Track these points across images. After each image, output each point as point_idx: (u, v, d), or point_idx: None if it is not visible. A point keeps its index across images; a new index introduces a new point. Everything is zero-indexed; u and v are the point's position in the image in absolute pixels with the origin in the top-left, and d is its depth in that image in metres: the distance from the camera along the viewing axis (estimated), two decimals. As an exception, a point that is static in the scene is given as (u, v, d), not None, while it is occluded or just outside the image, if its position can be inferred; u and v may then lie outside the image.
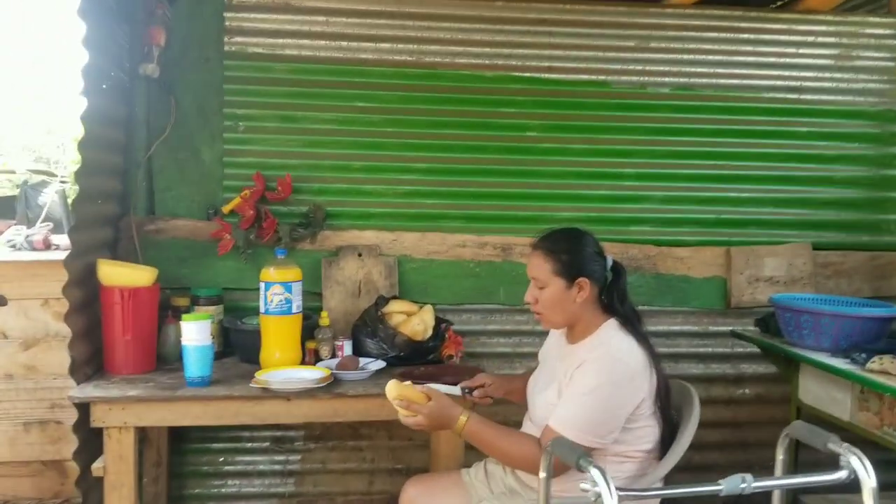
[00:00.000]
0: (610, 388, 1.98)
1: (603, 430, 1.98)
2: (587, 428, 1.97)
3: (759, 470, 3.51)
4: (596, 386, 1.98)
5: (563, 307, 2.12)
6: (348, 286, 3.19)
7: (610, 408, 1.99)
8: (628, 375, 2.00)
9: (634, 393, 2.01)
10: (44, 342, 3.17)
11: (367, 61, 3.25)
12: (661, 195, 3.44)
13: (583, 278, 2.09)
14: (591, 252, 2.14)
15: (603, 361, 2.01)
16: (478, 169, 3.33)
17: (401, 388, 2.08)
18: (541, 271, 2.12)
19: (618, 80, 3.39)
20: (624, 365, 2.01)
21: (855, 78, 3.54)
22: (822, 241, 3.55)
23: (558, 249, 2.12)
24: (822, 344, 2.74)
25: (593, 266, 2.12)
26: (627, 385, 2.00)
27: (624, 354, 2.03)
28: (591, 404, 1.97)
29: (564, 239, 2.15)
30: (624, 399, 2.00)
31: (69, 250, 2.52)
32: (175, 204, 3.15)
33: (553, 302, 2.12)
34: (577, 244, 2.14)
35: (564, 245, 2.13)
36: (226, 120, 3.18)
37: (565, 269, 2.10)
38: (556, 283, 2.11)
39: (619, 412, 2.00)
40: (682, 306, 3.47)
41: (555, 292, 2.11)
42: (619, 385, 1.99)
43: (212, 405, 2.49)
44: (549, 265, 2.11)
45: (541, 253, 2.14)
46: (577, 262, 2.10)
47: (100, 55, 2.67)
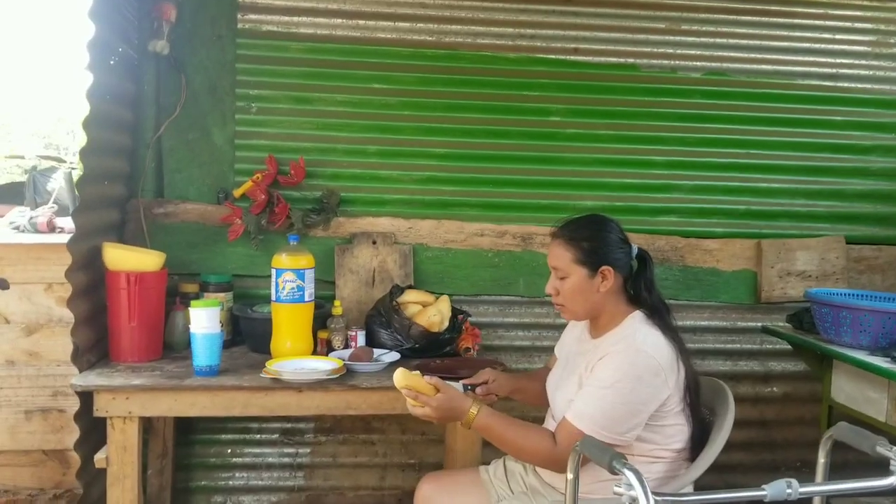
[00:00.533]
0: (633, 382, 1.87)
1: (622, 427, 1.87)
2: (605, 423, 1.85)
3: (787, 471, 3.41)
4: (617, 379, 1.87)
5: (585, 298, 2.01)
6: (362, 275, 3.08)
7: (631, 403, 1.87)
8: (653, 370, 1.88)
9: (659, 389, 1.89)
10: (47, 328, 3.07)
11: (384, 41, 3.13)
12: (690, 184, 3.32)
13: (606, 267, 1.98)
14: (615, 239, 2.03)
15: (626, 354, 1.90)
16: (498, 155, 3.22)
17: (408, 377, 1.98)
18: (562, 260, 2.02)
19: (647, 63, 3.26)
20: (649, 358, 1.89)
21: (892, 66, 3.42)
22: (856, 234, 3.42)
23: (580, 237, 2.01)
24: (860, 341, 2.62)
25: (617, 254, 2.01)
26: (652, 380, 1.88)
27: (649, 347, 1.91)
28: (612, 399, 1.86)
29: (586, 226, 2.05)
30: (647, 395, 1.88)
31: (73, 233, 2.42)
32: (185, 186, 3.05)
33: (575, 292, 2.01)
34: (600, 231, 2.03)
35: (586, 232, 2.02)
36: (238, 100, 3.07)
37: (588, 258, 1.99)
38: (578, 272, 2.00)
39: (642, 408, 1.89)
40: (710, 300, 3.35)
41: (577, 282, 2.00)
42: (643, 380, 1.87)
43: (220, 396, 2.40)
44: (570, 254, 2.00)
45: (562, 241, 2.03)
46: (601, 249, 2.00)
47: (107, 29, 2.57)
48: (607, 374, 1.89)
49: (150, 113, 3.00)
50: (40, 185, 4.89)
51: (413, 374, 2.00)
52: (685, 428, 1.99)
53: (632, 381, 1.87)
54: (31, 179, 4.93)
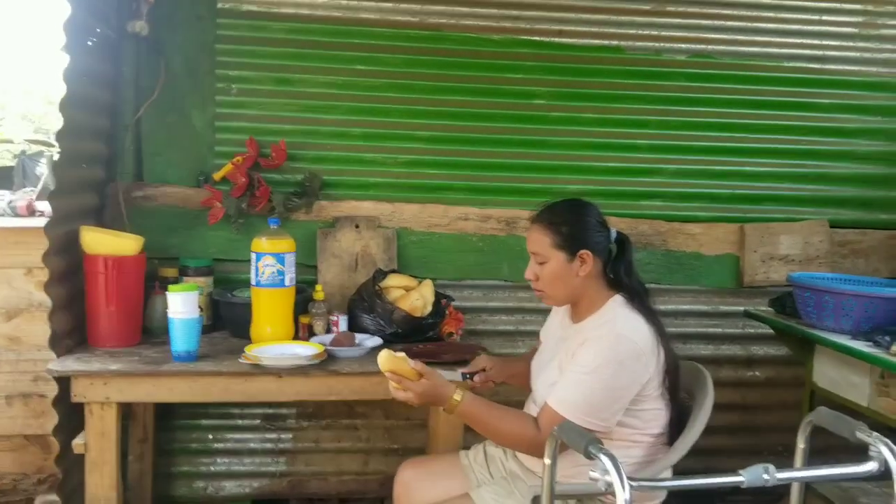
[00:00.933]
0: (614, 366, 1.86)
1: (605, 413, 1.87)
2: (587, 409, 1.85)
3: (768, 455, 3.42)
4: (599, 365, 1.86)
5: (564, 282, 2.01)
6: (345, 259, 3.06)
7: (613, 388, 1.87)
8: (634, 354, 1.88)
9: (640, 373, 1.89)
10: (27, 312, 3.04)
11: (368, 21, 3.09)
12: (674, 168, 3.30)
13: (585, 251, 1.98)
14: (593, 223, 2.02)
15: (607, 339, 1.89)
16: (483, 138, 3.19)
17: (393, 361, 1.95)
18: (540, 245, 2.01)
19: (632, 45, 3.23)
20: (630, 343, 1.88)
21: (880, 48, 3.39)
22: (840, 218, 3.41)
23: (558, 221, 2.00)
24: (842, 326, 2.61)
25: (596, 238, 2.01)
26: (633, 365, 1.88)
27: (630, 332, 1.91)
28: (593, 384, 1.86)
29: (565, 211, 2.04)
30: (628, 380, 1.88)
31: (51, 216, 2.38)
32: (164, 170, 3.01)
33: (554, 277, 2.01)
34: (578, 215, 2.02)
35: (565, 217, 2.01)
36: (218, 82, 3.02)
37: (566, 242, 1.98)
38: (556, 256, 1.99)
39: (623, 393, 1.88)
40: (693, 284, 3.34)
41: (556, 267, 2.00)
42: (624, 365, 1.87)
43: (199, 381, 2.38)
44: (548, 238, 2.00)
45: (540, 226, 2.02)
46: (579, 233, 1.99)
47: (84, 9, 2.52)
48: (589, 360, 1.88)
49: (130, 95, 2.95)
50: (29, 170, 4.87)
51: (398, 357, 1.97)
52: (664, 412, 1.99)
53: (613, 367, 1.86)
54: (20, 164, 4.91)
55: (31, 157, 5.17)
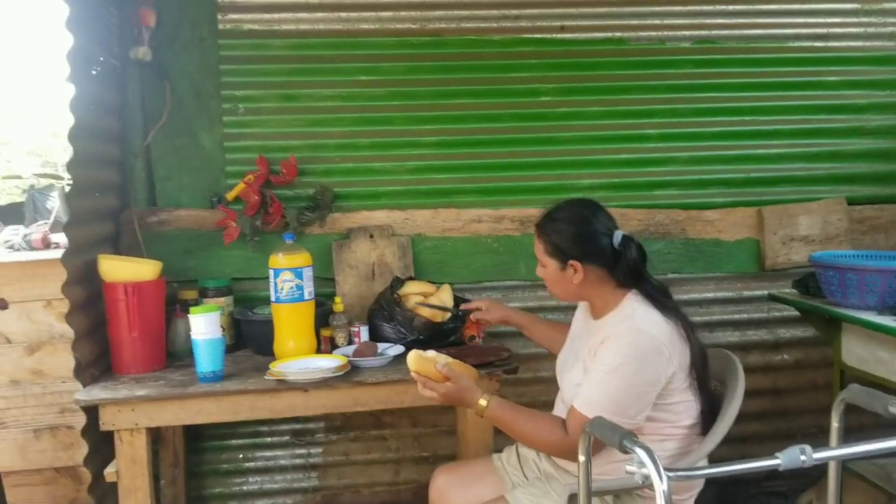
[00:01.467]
0: (636, 363, 1.85)
1: (632, 410, 1.86)
2: (614, 409, 1.83)
3: (802, 438, 3.37)
4: (621, 363, 1.85)
5: (562, 287, 2.05)
6: (361, 269, 3.06)
7: (637, 384, 1.86)
8: (656, 349, 1.86)
9: (664, 367, 1.87)
10: (49, 345, 3.04)
11: (368, 31, 3.09)
12: (687, 156, 3.28)
13: (574, 261, 1.98)
14: (587, 231, 2.00)
15: (627, 336, 1.88)
16: (491, 139, 3.18)
17: (420, 362, 2.03)
18: (538, 251, 2.07)
19: (635, 36, 3.22)
20: (649, 337, 1.87)
21: (883, 21, 3.37)
22: (857, 195, 3.39)
23: (550, 230, 2.03)
24: (867, 302, 2.58)
25: (588, 247, 1.99)
26: (656, 359, 1.86)
27: (649, 326, 1.89)
28: (617, 383, 1.85)
29: (560, 218, 2.04)
30: (652, 375, 1.87)
31: (67, 247, 2.39)
32: (177, 193, 3.02)
33: (552, 282, 2.07)
34: (571, 224, 2.01)
35: (557, 226, 2.02)
36: (224, 102, 3.03)
37: (557, 251, 2.01)
38: (550, 263, 2.04)
39: (649, 389, 1.87)
40: (714, 272, 3.32)
41: (552, 272, 2.05)
42: (646, 360, 1.86)
43: (226, 401, 2.37)
44: (543, 246, 2.05)
45: (537, 232, 2.08)
46: (567, 244, 2.00)
47: (87, 38, 2.53)
48: (611, 358, 1.87)
49: (137, 121, 2.97)
50: (40, 204, 4.87)
51: (426, 358, 2.03)
52: (694, 403, 1.97)
53: (635, 363, 1.85)
54: (31, 199, 4.92)
55: (41, 191, 5.19)
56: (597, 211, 2.04)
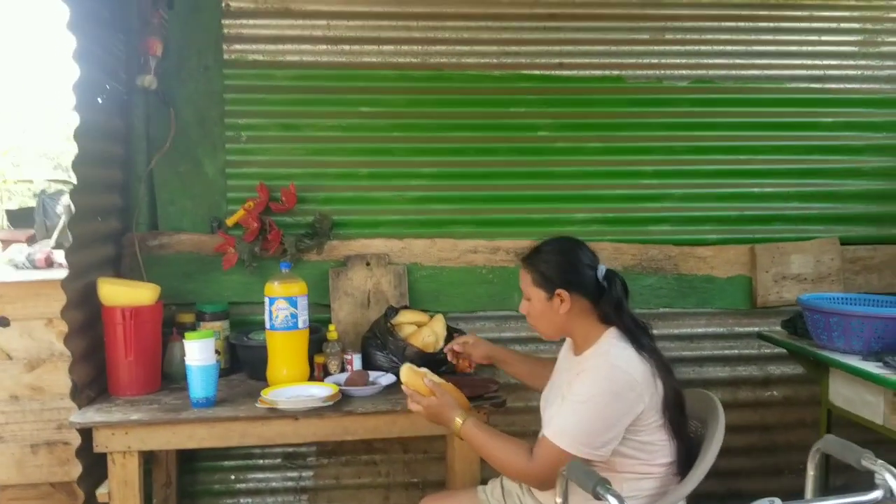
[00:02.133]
0: (608, 396, 1.89)
1: (598, 441, 1.89)
2: (583, 438, 1.88)
3: (789, 474, 3.41)
4: (594, 394, 1.90)
5: (548, 319, 2.09)
6: (357, 297, 3.10)
7: (606, 417, 1.89)
8: (628, 385, 1.90)
9: (634, 403, 1.91)
10: (49, 362, 3.10)
11: (370, 65, 3.15)
12: (681, 192, 3.32)
13: (562, 290, 2.03)
14: (573, 262, 2.06)
15: (602, 370, 1.93)
16: (488, 172, 3.23)
17: (411, 375, 2.18)
18: (524, 283, 2.11)
19: (632, 74, 3.26)
20: (623, 373, 1.91)
21: (881, 65, 3.40)
22: (851, 235, 3.41)
23: (538, 261, 2.08)
24: (852, 346, 2.61)
25: (575, 277, 2.04)
26: (627, 394, 1.90)
27: (623, 362, 1.93)
28: (586, 414, 1.89)
29: (546, 250, 2.10)
30: (622, 409, 1.90)
31: (67, 272, 2.45)
32: (178, 218, 3.08)
33: (538, 314, 2.10)
34: (558, 255, 2.07)
35: (544, 256, 2.08)
36: (227, 130, 3.09)
37: (544, 281, 2.06)
38: (537, 294, 2.08)
39: (617, 423, 1.90)
40: (706, 307, 3.35)
41: (537, 304, 2.09)
42: (618, 394, 1.89)
43: (217, 427, 2.41)
44: (529, 277, 2.09)
45: (523, 265, 2.13)
46: (555, 273, 2.05)
47: (93, 68, 2.60)
48: (584, 390, 1.92)
49: (141, 147, 3.03)
50: (50, 209, 4.93)
51: (417, 372, 2.18)
52: (668, 443, 1.99)
53: (607, 396, 1.89)
54: (41, 203, 4.98)
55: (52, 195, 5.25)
56: (581, 245, 2.11)
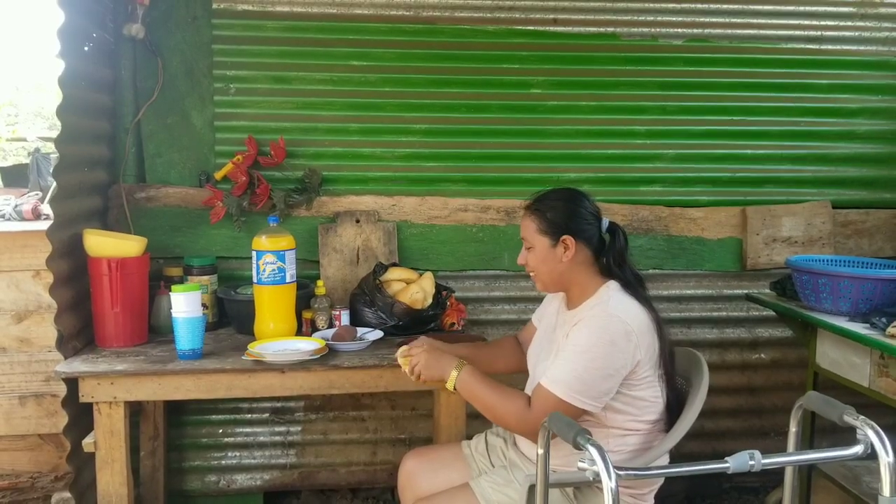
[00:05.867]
0: (606, 346, 1.89)
1: (595, 391, 1.89)
2: (579, 387, 1.88)
3: (775, 436, 3.44)
4: (592, 344, 1.90)
5: (550, 267, 2.06)
6: (346, 253, 3.09)
7: (604, 367, 1.89)
8: (625, 334, 1.90)
9: (632, 353, 1.91)
10: (36, 314, 3.10)
11: (362, 17, 3.10)
12: (674, 153, 3.29)
13: (567, 236, 2.02)
14: (579, 210, 2.05)
15: (599, 319, 1.93)
16: (480, 129, 3.20)
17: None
18: (528, 231, 2.09)
19: (627, 31, 3.22)
20: (621, 323, 1.91)
21: (878, 26, 3.36)
22: (843, 198, 3.40)
23: (544, 208, 2.06)
24: (840, 308, 2.61)
25: (581, 225, 2.04)
26: (625, 345, 1.90)
27: (622, 312, 1.93)
28: (584, 363, 1.89)
29: (552, 198, 2.09)
30: (620, 359, 1.90)
31: (52, 221, 2.43)
32: (166, 170, 3.05)
33: (540, 262, 2.08)
34: (564, 202, 2.06)
35: (550, 203, 2.07)
36: (216, 82, 3.05)
37: (549, 227, 2.04)
38: (540, 242, 2.06)
39: (614, 373, 1.90)
40: (696, 269, 3.34)
41: (541, 252, 2.06)
42: (616, 344, 1.89)
43: (203, 379, 2.42)
44: (534, 224, 2.07)
45: (528, 212, 2.10)
46: (562, 219, 2.04)
47: (79, 15, 2.55)
48: (582, 339, 1.92)
49: (129, 98, 2.99)
50: (43, 168, 4.89)
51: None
52: (659, 398, 2.00)
53: (605, 346, 1.89)
54: (34, 162, 4.93)
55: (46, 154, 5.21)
56: (587, 196, 2.10)
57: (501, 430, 2.28)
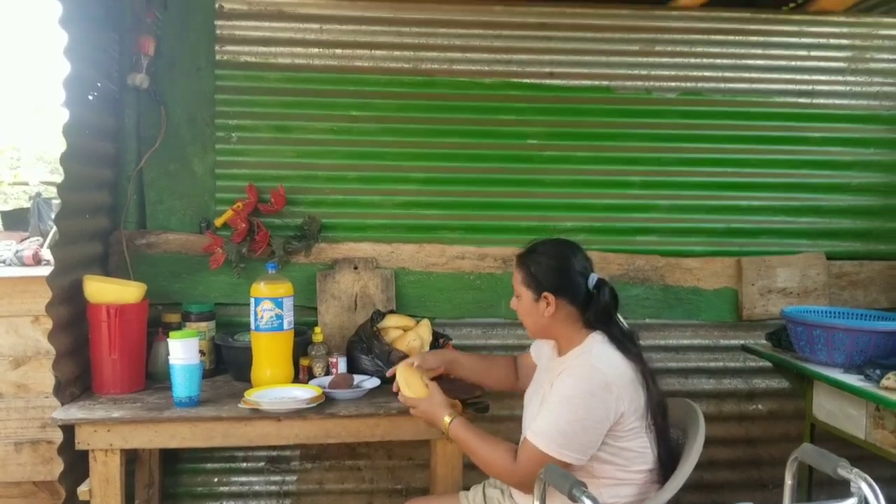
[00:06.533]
0: (586, 398, 1.90)
1: (577, 444, 1.90)
2: (561, 440, 1.89)
3: (773, 488, 3.41)
4: (572, 395, 1.91)
5: (533, 320, 2.11)
6: (344, 300, 3.10)
7: (584, 419, 1.90)
8: (604, 386, 1.91)
9: (613, 404, 1.92)
10: (34, 360, 3.09)
11: (362, 69, 3.16)
12: (669, 204, 3.33)
13: (548, 293, 2.04)
14: (563, 267, 2.07)
15: (580, 370, 1.95)
16: (477, 178, 3.24)
17: (408, 372, 2.25)
18: (515, 281, 2.14)
19: (622, 85, 3.28)
20: (601, 374, 1.92)
21: (869, 81, 3.42)
22: (837, 250, 3.43)
23: (530, 261, 2.10)
24: (835, 359, 2.62)
25: (564, 282, 2.06)
26: (604, 396, 1.91)
27: (603, 364, 1.95)
28: (566, 415, 1.90)
29: (540, 252, 2.11)
30: (600, 411, 1.91)
31: (52, 268, 2.45)
32: (167, 217, 3.08)
33: (524, 313, 2.13)
34: (549, 259, 2.08)
35: (537, 258, 2.10)
36: (218, 130, 3.10)
37: (533, 282, 2.08)
38: (525, 294, 2.10)
39: (596, 425, 1.91)
40: (692, 319, 3.36)
41: (525, 303, 2.11)
42: (595, 395, 1.91)
43: (200, 427, 2.41)
44: (520, 275, 2.12)
45: (517, 262, 2.15)
46: (544, 276, 2.06)
47: (85, 65, 2.61)
48: (563, 390, 1.94)
49: (132, 145, 3.03)
50: (44, 213, 4.92)
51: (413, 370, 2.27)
52: (648, 449, 2.00)
53: (585, 397, 1.91)
54: (35, 206, 4.97)
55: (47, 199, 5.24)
56: (577, 251, 2.12)
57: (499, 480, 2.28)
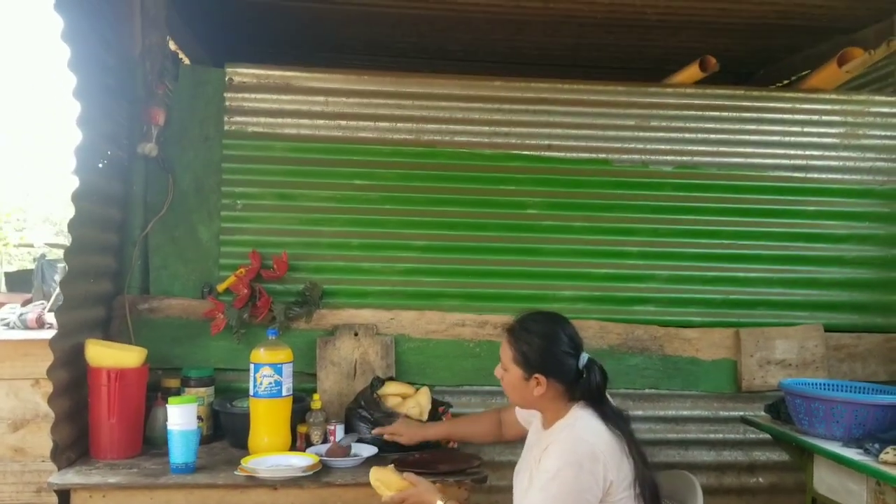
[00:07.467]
0: (574, 469, 1.90)
1: None
2: None
3: (775, 563, 3.35)
4: (559, 468, 1.91)
5: (520, 395, 2.11)
6: (343, 367, 3.12)
7: (574, 492, 1.90)
8: (591, 456, 1.91)
9: (601, 473, 1.91)
10: (33, 423, 3.10)
11: (366, 140, 3.25)
12: (667, 274, 3.36)
13: (539, 375, 2.04)
14: (555, 349, 2.07)
15: (566, 443, 1.96)
16: (477, 247, 3.29)
17: (381, 472, 2.20)
18: (504, 355, 2.13)
19: (618, 158, 3.35)
20: (586, 444, 1.93)
21: (862, 157, 3.49)
22: (835, 322, 3.43)
23: (521, 340, 2.09)
24: (834, 432, 2.61)
25: (554, 364, 2.06)
26: (592, 467, 1.91)
27: (587, 434, 1.96)
28: (556, 490, 1.90)
29: (531, 329, 2.10)
30: (588, 482, 1.90)
31: (56, 331, 2.47)
32: (170, 282, 3.12)
33: (511, 388, 2.13)
34: (540, 339, 2.08)
35: (529, 337, 2.09)
36: (223, 198, 3.17)
37: (524, 361, 2.07)
38: (514, 370, 2.10)
39: (587, 496, 1.90)
40: (691, 390, 3.35)
41: (513, 379, 2.11)
42: (583, 467, 1.90)
43: (195, 493, 2.40)
44: (511, 352, 2.10)
45: (507, 337, 2.13)
46: (535, 356, 2.06)
47: (95, 134, 2.68)
48: (550, 465, 1.94)
49: (138, 211, 3.09)
50: (48, 274, 4.98)
51: (385, 469, 2.20)
52: (642, 520, 1.99)
53: (573, 469, 1.91)
54: (39, 268, 5.03)
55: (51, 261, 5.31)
56: (567, 328, 2.12)
57: None
